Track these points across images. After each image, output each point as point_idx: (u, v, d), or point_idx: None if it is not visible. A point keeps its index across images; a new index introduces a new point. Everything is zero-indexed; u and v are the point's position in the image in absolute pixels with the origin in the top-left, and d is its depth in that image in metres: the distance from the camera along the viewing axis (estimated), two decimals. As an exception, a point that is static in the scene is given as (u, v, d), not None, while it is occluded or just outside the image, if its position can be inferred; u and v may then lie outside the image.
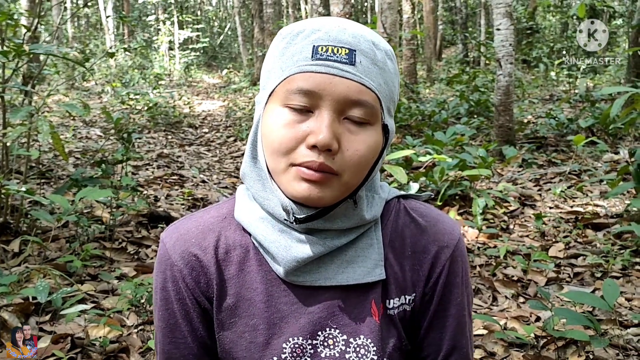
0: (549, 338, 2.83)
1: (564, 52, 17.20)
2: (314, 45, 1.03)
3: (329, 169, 1.04)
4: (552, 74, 14.75)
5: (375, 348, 1.19)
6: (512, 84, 7.29)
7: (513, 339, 2.84)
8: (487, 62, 16.11)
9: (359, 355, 1.19)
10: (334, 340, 1.19)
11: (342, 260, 1.18)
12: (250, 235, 1.20)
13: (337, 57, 1.03)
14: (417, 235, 1.22)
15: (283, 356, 1.18)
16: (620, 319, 2.99)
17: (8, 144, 3.97)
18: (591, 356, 2.66)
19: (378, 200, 1.20)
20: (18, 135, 3.41)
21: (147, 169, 7.04)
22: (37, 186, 5.05)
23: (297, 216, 1.12)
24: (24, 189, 3.26)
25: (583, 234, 4.40)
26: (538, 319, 3.11)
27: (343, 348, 1.19)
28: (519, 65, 16.78)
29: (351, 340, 1.19)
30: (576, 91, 11.03)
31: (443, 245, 1.23)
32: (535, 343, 2.83)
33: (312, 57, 1.03)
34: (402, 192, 1.27)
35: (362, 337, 1.19)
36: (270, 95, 1.09)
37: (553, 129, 8.12)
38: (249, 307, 1.20)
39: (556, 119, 8.26)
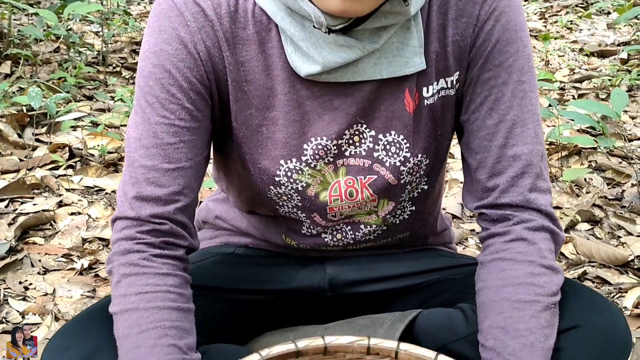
0: (552, 148, 2.80)
1: None
2: None
3: None
4: None
5: (407, 145, 1.09)
6: None
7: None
8: None
9: (389, 153, 1.09)
10: (361, 136, 1.08)
11: (375, 51, 1.02)
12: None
13: None
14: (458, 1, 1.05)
15: (303, 158, 1.08)
16: (624, 134, 2.95)
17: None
18: (594, 164, 2.65)
19: None
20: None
21: (139, 4, 6.77)
22: (26, 17, 4.84)
23: (330, 27, 0.97)
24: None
25: (588, 62, 4.29)
26: (541, 134, 3.07)
27: (371, 145, 1.09)
28: None
29: (380, 136, 1.08)
30: None
31: (489, 7, 1.05)
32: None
33: None
34: None
35: (393, 132, 1.08)
36: None
37: (561, -36, 7.75)
38: (268, 97, 1.06)
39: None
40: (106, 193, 2.41)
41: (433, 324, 1.16)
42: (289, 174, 1.09)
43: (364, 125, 1.08)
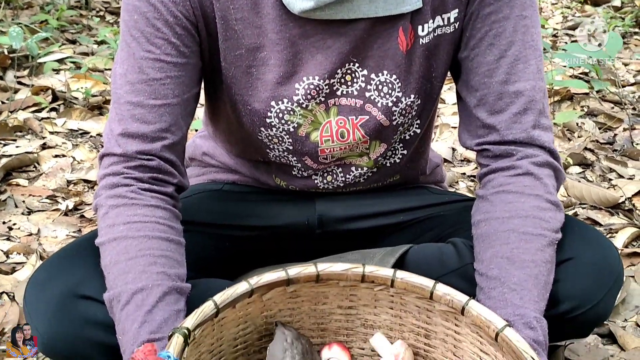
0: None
1: None
2: None
3: None
4: None
5: (400, 85, 1.06)
6: None
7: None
8: None
9: (381, 93, 1.06)
10: (353, 76, 1.06)
11: None
12: None
13: None
14: None
15: (295, 98, 1.05)
16: (617, 79, 2.93)
17: None
18: (586, 109, 2.63)
19: None
20: None
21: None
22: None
23: None
24: None
25: (582, 9, 4.24)
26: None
27: (363, 85, 1.06)
28: None
29: (372, 76, 1.06)
30: None
31: None
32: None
33: None
34: None
35: (385, 72, 1.05)
36: None
37: None
38: (258, 36, 1.03)
39: None
40: (91, 136, 2.36)
41: (424, 258, 1.14)
42: (280, 115, 1.07)
43: (357, 64, 1.05)
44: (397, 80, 1.06)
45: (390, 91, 1.06)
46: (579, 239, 1.06)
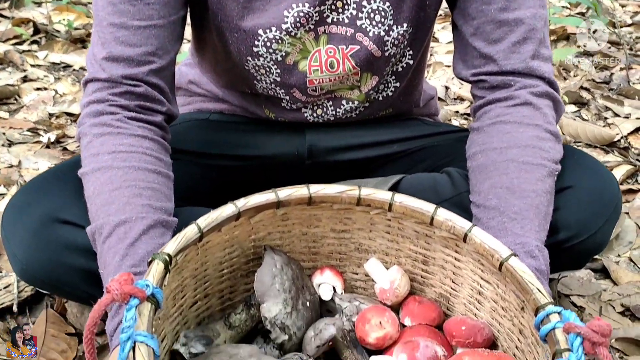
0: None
1: None
2: None
3: None
4: None
5: (392, 12, 1.01)
6: None
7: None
8: None
9: (373, 22, 1.02)
10: (344, 2, 1.01)
11: None
12: None
13: None
14: None
15: (284, 26, 1.00)
16: (614, 19, 2.87)
17: None
18: (582, 50, 2.58)
19: None
20: None
21: None
22: None
23: None
24: None
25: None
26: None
27: (354, 13, 1.01)
28: None
29: (364, 3, 1.01)
30: None
31: None
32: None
33: None
34: None
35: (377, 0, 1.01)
36: None
37: None
38: None
39: None
40: (73, 69, 2.29)
41: (417, 187, 1.11)
42: (268, 44, 1.02)
43: None
44: (390, 8, 1.02)
45: (382, 19, 1.02)
46: (578, 167, 1.03)
